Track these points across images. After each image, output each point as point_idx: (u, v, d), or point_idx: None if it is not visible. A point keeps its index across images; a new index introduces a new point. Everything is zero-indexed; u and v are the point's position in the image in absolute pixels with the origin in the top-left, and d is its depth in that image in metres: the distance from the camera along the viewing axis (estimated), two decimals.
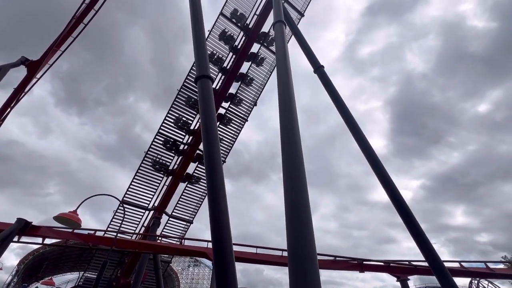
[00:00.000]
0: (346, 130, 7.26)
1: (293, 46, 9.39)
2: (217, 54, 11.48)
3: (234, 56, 11.71)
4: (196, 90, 10.17)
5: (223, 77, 11.76)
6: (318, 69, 8.13)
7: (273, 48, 11.82)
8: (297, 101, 5.62)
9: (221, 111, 12.13)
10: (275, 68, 9.36)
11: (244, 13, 11.40)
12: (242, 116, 12.49)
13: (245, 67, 11.97)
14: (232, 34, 11.46)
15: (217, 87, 11.69)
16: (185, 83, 11.30)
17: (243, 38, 11.65)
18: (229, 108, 12.17)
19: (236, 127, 12.54)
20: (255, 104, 12.57)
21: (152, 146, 11.31)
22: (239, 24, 11.43)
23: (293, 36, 9.94)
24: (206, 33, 10.50)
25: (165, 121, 11.33)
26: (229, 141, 12.56)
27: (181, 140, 11.66)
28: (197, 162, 12.06)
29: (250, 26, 11.54)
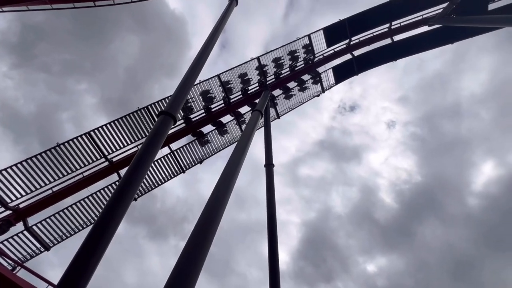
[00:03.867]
0: (263, 231, 7.14)
1: (258, 136, 9.89)
2: (191, 103, 11.51)
3: (204, 115, 11.87)
4: (153, 120, 9.80)
5: (183, 125, 11.57)
6: (269, 165, 8.48)
7: (242, 126, 12.37)
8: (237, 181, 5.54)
9: (166, 150, 11.37)
10: (234, 144, 9.55)
11: (233, 88, 12.19)
12: (182, 166, 11.77)
13: (208, 128, 12.14)
14: (213, 97, 11.87)
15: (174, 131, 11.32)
16: (149, 108, 10.61)
17: (221, 106, 12.15)
18: (174, 151, 11.50)
19: (170, 172, 11.59)
20: (200, 162, 12.14)
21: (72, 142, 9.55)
22: (223, 94, 11.99)
23: (262, 129, 10.68)
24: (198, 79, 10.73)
25: (103, 127, 10.01)
26: (154, 181, 11.34)
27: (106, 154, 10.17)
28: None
29: (232, 100, 12.26)
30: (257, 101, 12.24)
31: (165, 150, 11.43)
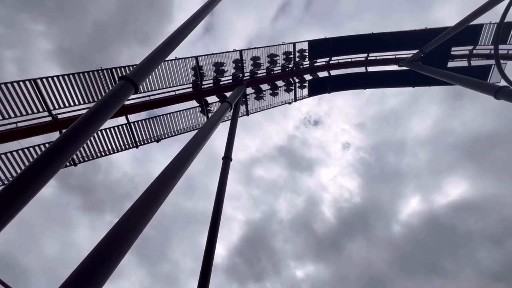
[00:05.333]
0: (206, 222, 6.97)
1: (221, 128, 9.63)
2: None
3: (170, 94, 11.23)
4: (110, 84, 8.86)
5: (147, 98, 10.80)
6: (227, 159, 8.30)
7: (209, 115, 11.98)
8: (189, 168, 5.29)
9: (122, 120, 10.45)
10: (195, 131, 9.18)
11: (205, 75, 11.68)
12: (137, 140, 10.94)
13: (171, 108, 11.52)
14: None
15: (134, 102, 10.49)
16: (113, 71, 9.62)
17: (190, 90, 11.61)
18: (132, 123, 10.63)
19: (122, 145, 10.68)
20: (157, 141, 11.42)
21: None
22: (194, 78, 11.42)
23: (227, 122, 10.46)
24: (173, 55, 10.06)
25: (54, 78, 8.78)
26: (102, 150, 10.33)
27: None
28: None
29: (204, 87, 11.79)
30: (228, 93, 11.98)
31: (121, 120, 10.54)
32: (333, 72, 13.75)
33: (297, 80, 13.37)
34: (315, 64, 13.43)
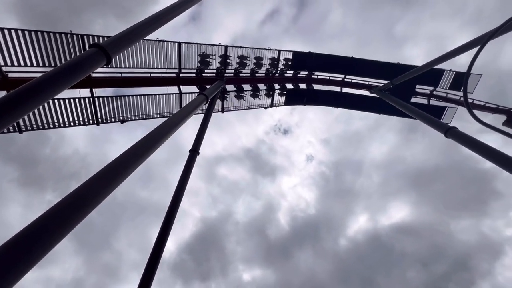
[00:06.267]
0: (158, 215, 6.60)
1: (192, 120, 9.29)
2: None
3: (146, 75, 10.59)
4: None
5: (120, 75, 10.02)
6: (194, 152, 8.03)
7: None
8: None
9: (86, 93, 9.50)
10: (165, 119, 8.73)
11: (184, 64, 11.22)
12: (99, 117, 10.02)
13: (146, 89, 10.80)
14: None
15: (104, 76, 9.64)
16: (84, 38, 8.72)
17: (171, 75, 11.07)
18: (97, 98, 9.73)
19: (81, 119, 9.70)
20: (122, 122, 10.61)
21: None
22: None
23: (200, 115, 10.12)
24: (154, 36, 9.44)
25: (11, 31, 7.69)
26: (55, 120, 9.25)
27: None
28: None
29: (183, 76, 11.30)
30: (207, 86, 11.64)
31: (85, 92, 9.60)
32: (311, 86, 14.14)
33: (277, 87, 13.48)
34: (298, 75, 13.68)
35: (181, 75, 11.22)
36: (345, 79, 13.93)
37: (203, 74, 11.71)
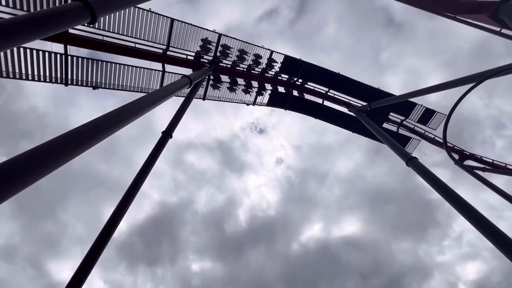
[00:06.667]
0: (114, 191, 6.25)
1: (170, 102, 8.93)
2: None
3: (131, 45, 9.97)
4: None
5: (101, 37, 9.31)
6: (167, 134, 7.70)
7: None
8: None
9: (59, 48, 8.64)
10: (142, 94, 8.28)
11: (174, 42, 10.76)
12: (70, 78, 9.22)
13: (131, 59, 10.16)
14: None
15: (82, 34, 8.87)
16: None
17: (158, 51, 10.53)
18: (71, 56, 8.92)
19: (48, 74, 8.84)
20: (94, 88, 9.86)
21: None
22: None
23: (180, 98, 9.78)
24: (148, 5, 8.85)
25: None
26: (17, 70, 8.33)
27: None
28: None
29: (170, 54, 10.81)
30: (192, 71, 11.28)
31: (58, 47, 8.75)
32: (295, 93, 14.34)
33: (268, 87, 13.52)
34: (288, 80, 13.83)
35: (168, 52, 10.72)
36: (328, 93, 14.33)
37: (189, 58, 11.30)
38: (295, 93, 14.33)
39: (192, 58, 11.31)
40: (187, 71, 11.36)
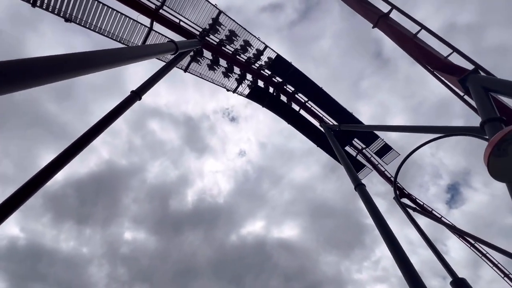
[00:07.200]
0: (61, 137, 5.68)
1: (146, 63, 8.36)
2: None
3: None
4: None
5: None
6: (136, 95, 7.18)
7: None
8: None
9: None
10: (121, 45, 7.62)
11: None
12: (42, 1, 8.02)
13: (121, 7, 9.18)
14: None
15: None
16: None
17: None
18: None
19: None
20: (66, 20, 8.75)
21: None
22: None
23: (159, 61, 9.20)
24: None
25: None
26: None
27: None
28: None
29: (161, 13, 10.08)
30: (182, 39, 10.69)
31: None
32: (290, 103, 14.55)
33: (250, 78, 13.34)
34: (270, 76, 13.81)
35: (160, 11, 9.97)
36: (306, 103, 14.72)
37: (183, 26, 10.68)
38: (271, 90, 14.41)
39: (184, 25, 10.69)
40: (175, 37, 10.72)
